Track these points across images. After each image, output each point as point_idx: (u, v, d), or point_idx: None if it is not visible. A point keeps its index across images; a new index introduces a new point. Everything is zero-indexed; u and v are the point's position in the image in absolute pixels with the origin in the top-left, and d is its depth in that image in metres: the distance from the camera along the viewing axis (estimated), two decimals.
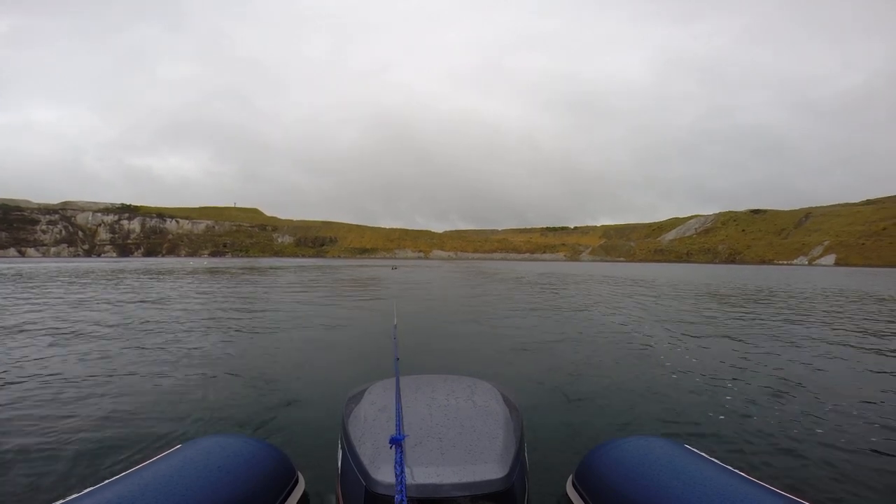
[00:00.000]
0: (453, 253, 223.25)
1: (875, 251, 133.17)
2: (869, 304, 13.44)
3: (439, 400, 1.88)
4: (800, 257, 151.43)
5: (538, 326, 8.23)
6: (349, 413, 1.87)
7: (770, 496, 1.53)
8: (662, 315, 10.23)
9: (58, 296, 13.57)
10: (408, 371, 1.81)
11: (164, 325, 8.17)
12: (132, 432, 3.28)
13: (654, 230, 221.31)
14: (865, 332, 7.95)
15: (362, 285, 20.43)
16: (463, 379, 2.19)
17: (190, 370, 5.06)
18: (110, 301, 12.13)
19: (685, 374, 4.96)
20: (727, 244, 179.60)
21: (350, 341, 6.92)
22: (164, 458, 1.83)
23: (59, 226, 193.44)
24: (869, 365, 5.54)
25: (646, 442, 2.05)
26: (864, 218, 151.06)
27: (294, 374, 5.02)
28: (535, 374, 4.92)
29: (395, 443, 1.40)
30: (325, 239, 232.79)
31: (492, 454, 1.49)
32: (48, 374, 4.85)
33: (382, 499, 1.35)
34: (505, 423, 1.71)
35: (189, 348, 6.16)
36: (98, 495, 1.50)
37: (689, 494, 1.57)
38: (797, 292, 18.27)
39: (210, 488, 1.63)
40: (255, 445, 2.04)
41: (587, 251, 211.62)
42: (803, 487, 2.58)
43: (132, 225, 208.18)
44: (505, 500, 1.40)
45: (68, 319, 8.66)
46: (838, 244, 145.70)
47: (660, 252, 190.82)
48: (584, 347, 6.35)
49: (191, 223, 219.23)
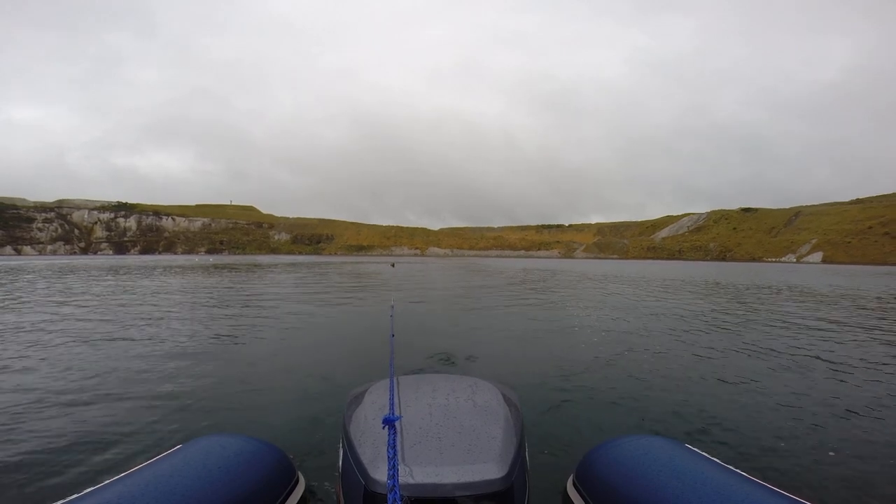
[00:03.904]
0: (449, 250, 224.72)
1: (860, 249, 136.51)
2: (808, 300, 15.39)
3: (439, 399, 1.90)
4: (788, 255, 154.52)
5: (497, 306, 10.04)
6: (350, 413, 1.89)
7: (770, 496, 1.53)
8: (594, 301, 12.08)
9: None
10: (408, 369, 2.44)
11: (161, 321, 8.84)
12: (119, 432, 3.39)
13: (648, 228, 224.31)
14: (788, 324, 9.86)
15: (366, 281, 21.20)
16: (463, 378, 2.22)
17: (195, 369, 5.17)
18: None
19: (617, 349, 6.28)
20: (718, 242, 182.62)
21: (358, 334, 7.55)
22: (164, 458, 1.84)
23: (55, 224, 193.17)
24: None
25: (646, 441, 2.05)
26: (851, 217, 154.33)
27: (295, 373, 5.15)
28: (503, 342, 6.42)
29: (388, 423, 1.38)
30: (322, 236, 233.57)
31: (492, 454, 1.50)
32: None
33: (382, 498, 1.35)
34: (505, 422, 1.72)
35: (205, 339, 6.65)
36: (98, 495, 1.51)
37: (688, 494, 1.58)
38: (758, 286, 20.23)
39: (210, 488, 1.64)
40: (256, 445, 2.06)
41: (581, 248, 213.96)
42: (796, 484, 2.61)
43: (128, 223, 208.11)
44: (505, 499, 1.41)
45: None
46: (825, 242, 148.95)
47: (652, 249, 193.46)
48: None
49: (187, 221, 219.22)
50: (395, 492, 1.09)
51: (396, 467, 1.18)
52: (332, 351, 6.51)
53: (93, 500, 1.48)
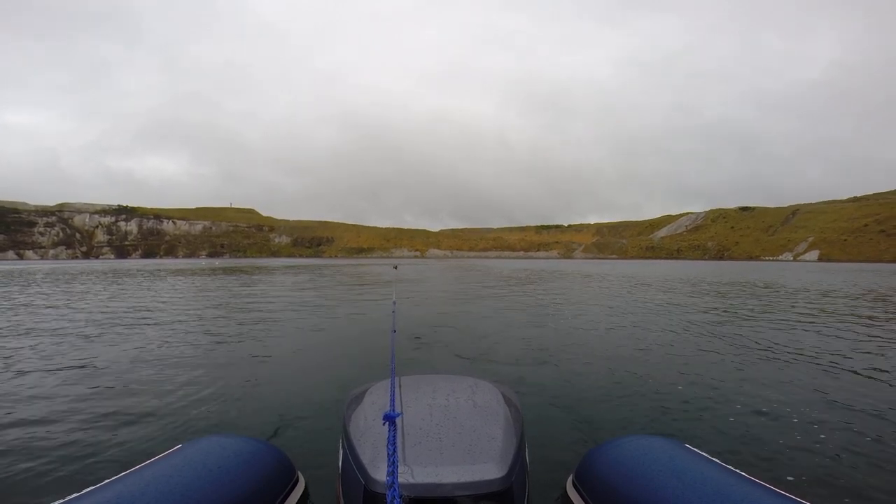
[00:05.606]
0: (449, 252, 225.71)
1: (856, 247, 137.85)
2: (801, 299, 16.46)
3: (439, 399, 1.90)
4: (785, 253, 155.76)
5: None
6: (350, 413, 1.89)
7: (770, 496, 1.53)
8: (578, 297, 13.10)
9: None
10: (408, 368, 2.45)
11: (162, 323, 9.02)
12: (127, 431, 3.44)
13: (647, 228, 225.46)
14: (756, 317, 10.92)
15: (371, 281, 21.58)
16: (464, 379, 2.23)
17: (196, 368, 5.21)
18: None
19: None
20: (716, 241, 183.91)
21: (361, 333, 7.69)
22: (164, 458, 1.83)
23: (57, 228, 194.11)
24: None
25: (646, 441, 2.06)
26: (848, 215, 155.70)
27: (296, 372, 5.18)
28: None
29: (389, 420, 1.38)
30: (322, 239, 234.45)
31: (492, 454, 1.50)
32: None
33: (382, 498, 1.35)
34: (505, 422, 1.73)
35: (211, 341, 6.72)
36: (98, 495, 1.50)
37: (688, 494, 1.58)
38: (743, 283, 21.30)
39: (210, 488, 1.64)
40: (256, 445, 2.06)
41: (580, 249, 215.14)
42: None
43: (129, 226, 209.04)
44: (505, 499, 1.41)
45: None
46: (822, 240, 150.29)
47: (651, 249, 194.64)
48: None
49: (188, 224, 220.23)
50: (395, 488, 1.08)
51: (396, 465, 1.19)
52: (333, 351, 6.54)
53: (93, 500, 1.47)
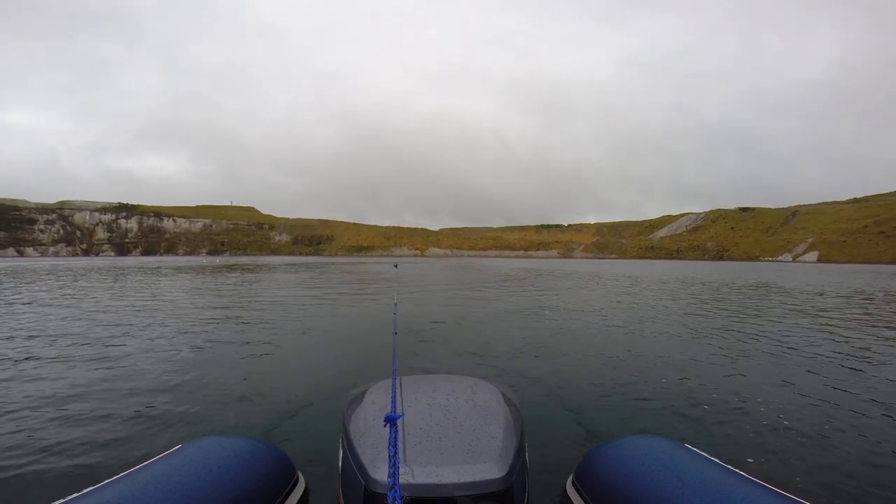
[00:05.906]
0: (449, 250, 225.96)
1: (855, 248, 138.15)
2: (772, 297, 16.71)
3: (440, 399, 1.91)
4: (784, 254, 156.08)
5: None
6: (350, 413, 1.90)
7: (770, 496, 1.53)
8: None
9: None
10: (409, 368, 2.39)
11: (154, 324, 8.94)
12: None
13: (647, 227, 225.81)
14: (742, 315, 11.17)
15: (372, 279, 21.68)
16: (464, 379, 2.23)
17: (195, 369, 5.19)
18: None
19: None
20: (716, 241, 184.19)
21: (361, 332, 7.76)
22: (164, 458, 1.84)
23: (57, 225, 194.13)
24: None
25: (646, 441, 2.06)
26: (847, 216, 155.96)
27: (296, 371, 5.20)
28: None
29: (390, 421, 1.38)
30: (322, 237, 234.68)
31: (492, 454, 1.51)
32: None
33: (382, 498, 1.35)
34: (505, 422, 1.74)
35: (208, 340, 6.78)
36: (98, 495, 1.51)
37: (688, 494, 1.58)
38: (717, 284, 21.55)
39: (210, 488, 1.65)
40: (256, 445, 2.06)
41: (580, 248, 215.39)
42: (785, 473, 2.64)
43: (130, 224, 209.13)
44: (505, 499, 1.42)
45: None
46: (821, 241, 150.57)
47: (651, 249, 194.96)
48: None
49: (188, 222, 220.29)
50: (396, 490, 1.08)
51: (397, 466, 1.19)
52: (334, 350, 6.56)
53: (93, 500, 1.48)
